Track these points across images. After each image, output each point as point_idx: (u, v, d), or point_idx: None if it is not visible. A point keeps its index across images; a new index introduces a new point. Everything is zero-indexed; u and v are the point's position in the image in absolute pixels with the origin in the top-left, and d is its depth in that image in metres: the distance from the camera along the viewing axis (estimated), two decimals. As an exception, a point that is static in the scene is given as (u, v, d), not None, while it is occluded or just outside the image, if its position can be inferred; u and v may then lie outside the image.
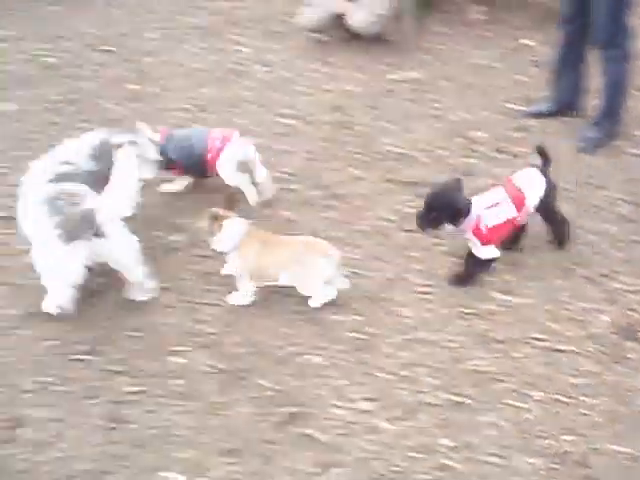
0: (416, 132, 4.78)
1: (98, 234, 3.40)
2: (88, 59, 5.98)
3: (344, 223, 4.11)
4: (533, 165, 3.80)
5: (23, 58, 6.13)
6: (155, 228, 4.09)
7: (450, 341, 3.44)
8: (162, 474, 2.98)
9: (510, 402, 3.20)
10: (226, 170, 4.11)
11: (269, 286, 3.60)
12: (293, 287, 3.56)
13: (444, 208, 3.55)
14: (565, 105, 4.79)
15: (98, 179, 3.59)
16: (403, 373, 3.30)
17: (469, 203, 3.56)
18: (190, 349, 3.47)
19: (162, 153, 4.08)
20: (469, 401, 3.19)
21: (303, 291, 3.56)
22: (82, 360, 3.46)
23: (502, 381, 3.27)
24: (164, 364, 3.41)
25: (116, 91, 5.49)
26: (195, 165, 4.16)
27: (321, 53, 5.73)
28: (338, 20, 5.68)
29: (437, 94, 5.12)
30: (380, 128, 4.83)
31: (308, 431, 3.10)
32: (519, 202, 3.62)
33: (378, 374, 3.30)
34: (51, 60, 5.99)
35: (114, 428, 3.15)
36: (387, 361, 3.36)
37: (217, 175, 4.13)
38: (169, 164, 4.16)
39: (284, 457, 3.02)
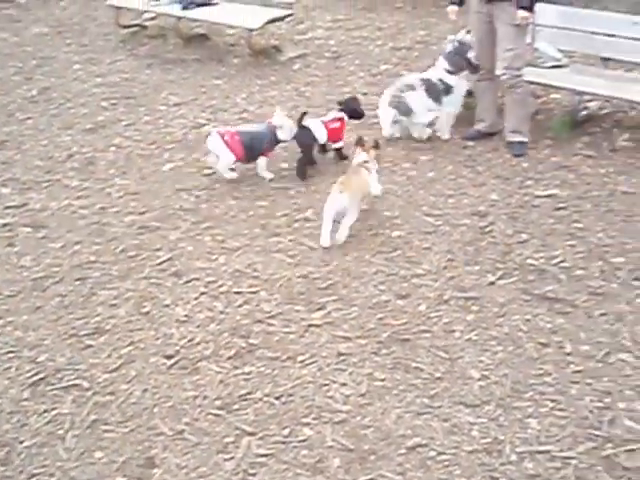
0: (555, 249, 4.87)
1: None
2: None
3: (478, 327, 4.21)
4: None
5: (184, 123, 6.60)
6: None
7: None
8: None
9: None
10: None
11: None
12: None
13: None
14: None
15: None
16: None
17: None
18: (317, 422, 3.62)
19: None
20: None
21: None
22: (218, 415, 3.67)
23: None
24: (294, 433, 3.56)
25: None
26: None
27: (471, 159, 5.98)
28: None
29: (579, 215, 5.20)
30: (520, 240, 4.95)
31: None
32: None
33: (502, 479, 3.34)
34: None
35: (243, 486, 3.31)
36: (510, 467, 3.40)
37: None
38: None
39: None
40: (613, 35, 6.14)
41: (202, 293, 4.50)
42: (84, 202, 5.52)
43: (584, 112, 6.58)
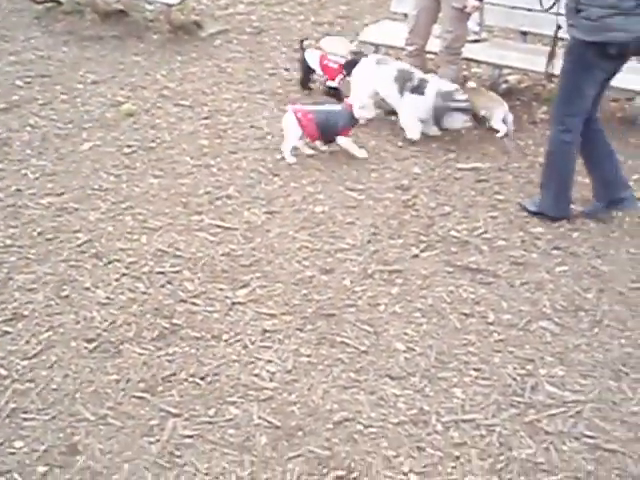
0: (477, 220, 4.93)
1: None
2: (165, 111, 6.29)
3: (403, 299, 4.23)
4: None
5: (102, 102, 6.46)
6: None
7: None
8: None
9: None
10: None
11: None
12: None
13: None
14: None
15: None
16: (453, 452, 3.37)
17: None
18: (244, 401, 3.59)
19: None
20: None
21: None
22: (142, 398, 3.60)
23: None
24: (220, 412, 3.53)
25: (190, 145, 5.77)
26: None
27: (393, 133, 5.99)
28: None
29: (500, 187, 5.26)
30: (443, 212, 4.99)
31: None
32: None
33: (429, 449, 3.36)
34: (129, 107, 6.32)
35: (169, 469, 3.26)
36: (436, 437, 3.44)
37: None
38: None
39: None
40: (531, 10, 6.21)
41: (123, 274, 4.40)
42: (-2, 184, 5.34)
43: (504, 85, 6.67)
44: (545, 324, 4.06)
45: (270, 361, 3.80)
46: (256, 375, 3.71)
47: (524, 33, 6.58)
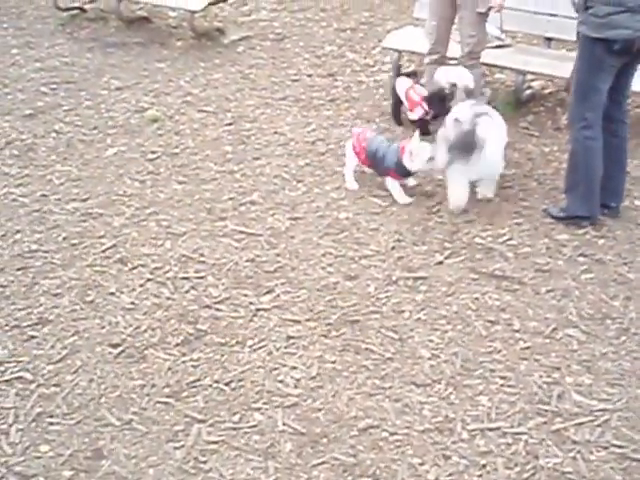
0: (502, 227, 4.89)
1: None
2: (189, 117, 6.32)
3: (427, 306, 4.21)
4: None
5: (127, 108, 6.50)
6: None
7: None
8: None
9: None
10: None
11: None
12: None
13: None
14: None
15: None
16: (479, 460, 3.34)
17: None
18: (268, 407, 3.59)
19: None
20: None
21: None
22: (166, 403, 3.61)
23: None
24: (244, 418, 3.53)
25: (214, 151, 5.79)
26: None
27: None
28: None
29: (525, 193, 5.23)
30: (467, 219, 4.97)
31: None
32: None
33: (455, 458, 3.34)
34: (153, 113, 6.36)
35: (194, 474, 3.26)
36: (462, 445, 3.41)
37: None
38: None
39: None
40: (555, 15, 6.17)
41: (148, 280, 4.41)
42: (24, 190, 5.36)
43: (528, 91, 6.62)
44: (571, 332, 4.02)
45: (295, 367, 3.79)
46: (281, 381, 3.71)
47: (549, 39, 6.54)
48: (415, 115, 5.91)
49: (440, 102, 5.51)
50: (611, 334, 4.01)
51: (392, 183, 5.18)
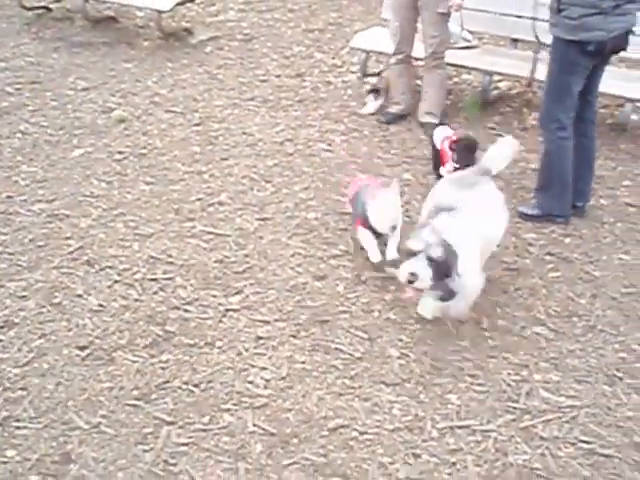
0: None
1: None
2: (157, 117, 6.28)
3: (397, 306, 4.23)
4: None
5: (93, 108, 6.44)
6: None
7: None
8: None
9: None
10: None
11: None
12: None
13: None
14: None
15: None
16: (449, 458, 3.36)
17: None
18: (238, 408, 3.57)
19: None
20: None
21: None
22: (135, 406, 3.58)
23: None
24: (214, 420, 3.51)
25: (181, 152, 5.76)
26: None
27: (385, 140, 5.98)
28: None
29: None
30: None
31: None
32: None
33: (425, 456, 3.35)
34: (120, 113, 6.30)
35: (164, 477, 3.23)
36: (432, 443, 3.42)
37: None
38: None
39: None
40: (521, 16, 6.23)
41: (116, 281, 4.37)
42: (-11, 191, 5.30)
43: (495, 92, 6.68)
44: (539, 330, 4.06)
45: (264, 368, 3.78)
46: (250, 382, 3.70)
47: (515, 40, 6.59)
48: (445, 172, 5.13)
49: (468, 153, 5.03)
50: (578, 331, 4.06)
51: (360, 234, 4.54)
